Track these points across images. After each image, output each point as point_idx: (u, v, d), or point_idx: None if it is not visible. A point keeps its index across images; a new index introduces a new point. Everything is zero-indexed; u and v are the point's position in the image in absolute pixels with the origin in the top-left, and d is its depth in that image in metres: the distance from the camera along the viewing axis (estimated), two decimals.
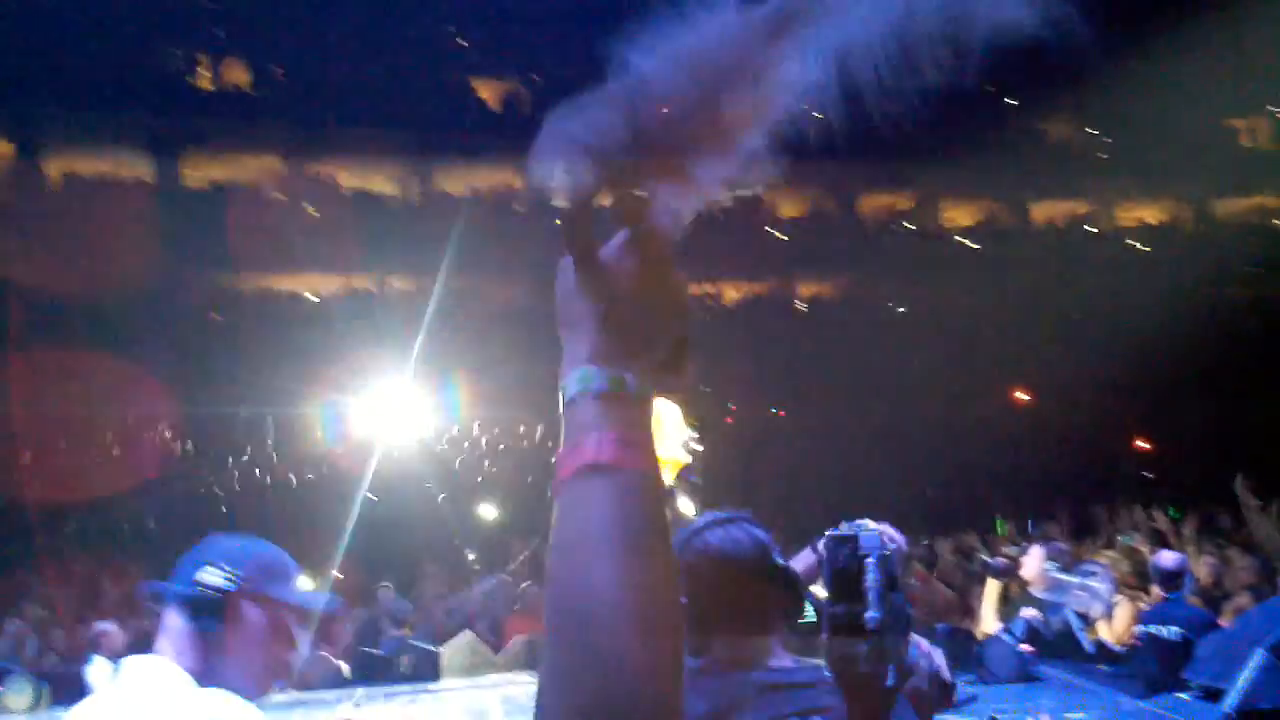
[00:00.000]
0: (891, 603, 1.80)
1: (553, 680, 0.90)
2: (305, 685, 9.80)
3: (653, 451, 0.97)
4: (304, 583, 2.52)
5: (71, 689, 8.88)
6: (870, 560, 1.82)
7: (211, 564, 2.37)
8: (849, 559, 1.83)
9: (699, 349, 1.08)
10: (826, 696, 1.90)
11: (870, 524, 1.95)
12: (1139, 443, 20.64)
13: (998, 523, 16.17)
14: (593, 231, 1.01)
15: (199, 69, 25.90)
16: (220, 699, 2.28)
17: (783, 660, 2.26)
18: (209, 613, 2.37)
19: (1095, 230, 28.81)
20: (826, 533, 1.88)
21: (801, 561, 3.10)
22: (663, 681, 0.89)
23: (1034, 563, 8.72)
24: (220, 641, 2.38)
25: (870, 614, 1.76)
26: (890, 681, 1.76)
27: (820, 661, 1.87)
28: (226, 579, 2.35)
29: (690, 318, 1.05)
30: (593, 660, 0.88)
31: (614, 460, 0.94)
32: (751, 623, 2.24)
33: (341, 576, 12.77)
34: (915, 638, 2.03)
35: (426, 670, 10.14)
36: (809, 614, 2.34)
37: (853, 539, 1.84)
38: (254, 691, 2.39)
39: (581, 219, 1.00)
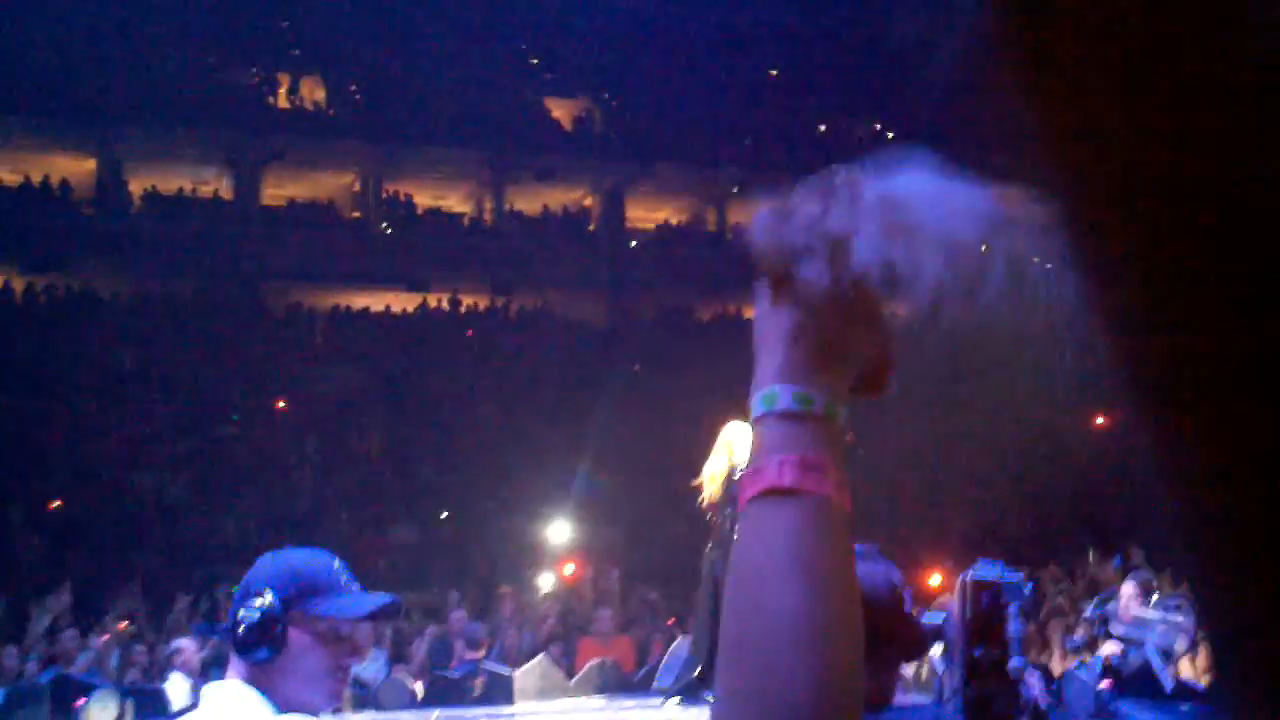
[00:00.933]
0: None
1: (730, 704, 0.90)
2: (380, 706, 9.84)
3: (837, 474, 0.94)
4: (356, 588, 2.54)
5: (153, 704, 9.01)
6: (1012, 609, 1.86)
7: (254, 594, 2.43)
8: (990, 605, 1.87)
9: (899, 364, 1.05)
10: None
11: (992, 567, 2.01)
12: None
13: (1090, 552, 15.89)
14: (789, 257, 0.98)
15: (277, 88, 26.31)
16: None
17: (904, 698, 2.31)
18: (258, 644, 2.42)
19: None
20: (966, 576, 1.93)
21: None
22: (840, 707, 0.88)
23: (1126, 597, 8.53)
24: (276, 666, 2.43)
25: (1014, 662, 1.82)
26: None
27: (925, 698, 1.94)
28: (267, 608, 2.41)
29: (889, 333, 1.03)
30: (770, 685, 0.87)
31: (794, 485, 0.92)
32: (879, 660, 2.29)
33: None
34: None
35: (500, 694, 10.13)
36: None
37: (994, 586, 1.89)
38: (324, 704, 2.47)
39: (780, 252, 0.98)
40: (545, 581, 15.10)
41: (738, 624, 0.91)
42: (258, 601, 2.43)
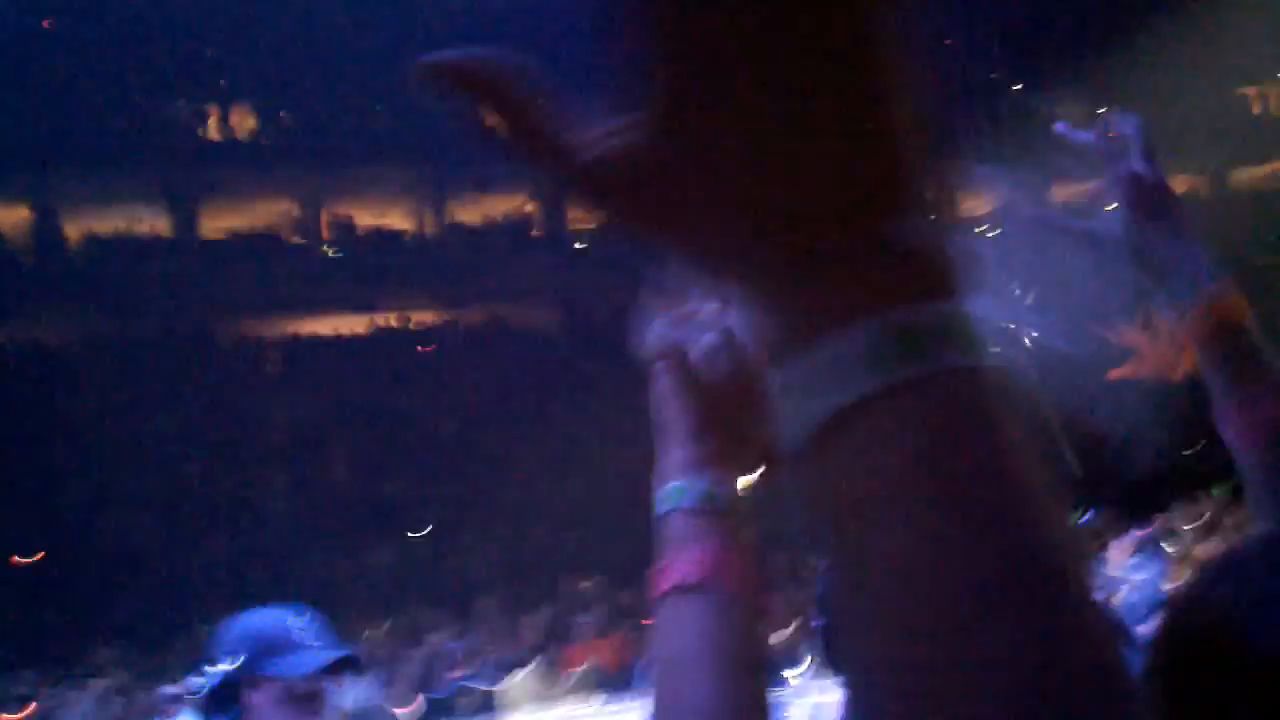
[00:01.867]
0: None
1: None
2: None
3: (742, 567, 0.97)
4: (316, 644, 2.54)
5: None
6: None
7: (212, 659, 2.45)
8: None
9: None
10: None
11: None
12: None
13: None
14: (683, 337, 1.00)
15: (208, 120, 26.01)
16: None
17: None
18: (217, 710, 2.48)
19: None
20: None
21: None
22: None
23: (1122, 553, 8.72)
24: None
25: None
26: None
27: None
28: (224, 673, 2.43)
29: (769, 421, 1.04)
30: None
31: (703, 581, 0.95)
32: None
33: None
34: None
35: (490, 709, 10.14)
36: None
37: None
38: None
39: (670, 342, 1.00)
40: (523, 592, 15.10)
41: (656, 714, 0.95)
42: (215, 668, 2.46)
